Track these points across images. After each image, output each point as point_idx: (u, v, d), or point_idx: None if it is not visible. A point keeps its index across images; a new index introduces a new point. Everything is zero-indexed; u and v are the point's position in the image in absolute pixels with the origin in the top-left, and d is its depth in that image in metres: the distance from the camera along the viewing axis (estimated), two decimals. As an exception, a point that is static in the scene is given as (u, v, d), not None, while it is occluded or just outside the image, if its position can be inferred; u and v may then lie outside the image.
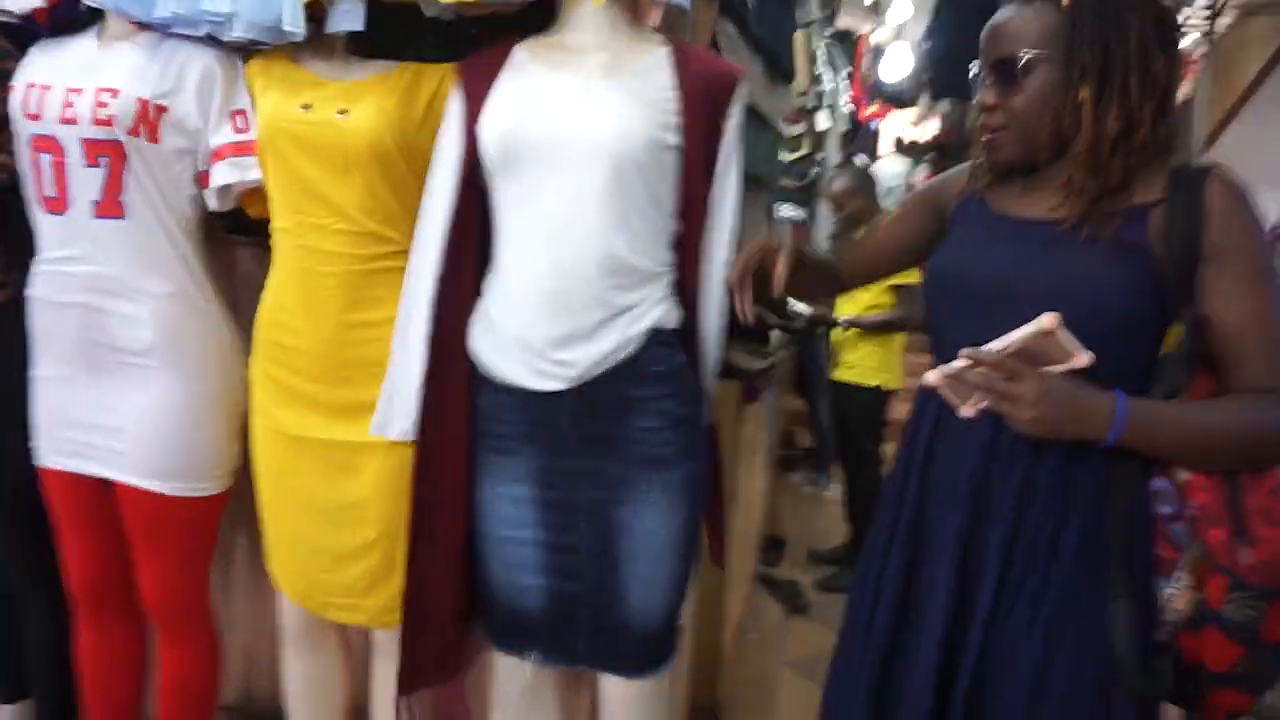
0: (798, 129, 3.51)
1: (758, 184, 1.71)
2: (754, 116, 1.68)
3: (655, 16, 1.20)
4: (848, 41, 5.62)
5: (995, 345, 0.92)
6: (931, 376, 0.96)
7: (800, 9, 1.77)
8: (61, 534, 1.46)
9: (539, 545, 1.22)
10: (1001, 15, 1.02)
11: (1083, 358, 0.91)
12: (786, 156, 3.46)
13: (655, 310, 1.15)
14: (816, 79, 3.47)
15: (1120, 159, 0.97)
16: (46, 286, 1.36)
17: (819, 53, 3.69)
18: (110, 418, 1.37)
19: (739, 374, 2.07)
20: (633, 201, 1.10)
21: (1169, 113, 0.99)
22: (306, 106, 1.25)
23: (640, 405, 1.16)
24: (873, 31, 6.49)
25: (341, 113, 1.23)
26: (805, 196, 3.67)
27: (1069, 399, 0.92)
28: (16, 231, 1.40)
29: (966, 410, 0.97)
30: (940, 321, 1.10)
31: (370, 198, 1.25)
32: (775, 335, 2.26)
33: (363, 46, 1.31)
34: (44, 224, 1.35)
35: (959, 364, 0.93)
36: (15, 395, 1.43)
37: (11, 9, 1.35)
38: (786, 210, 3.48)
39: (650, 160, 1.09)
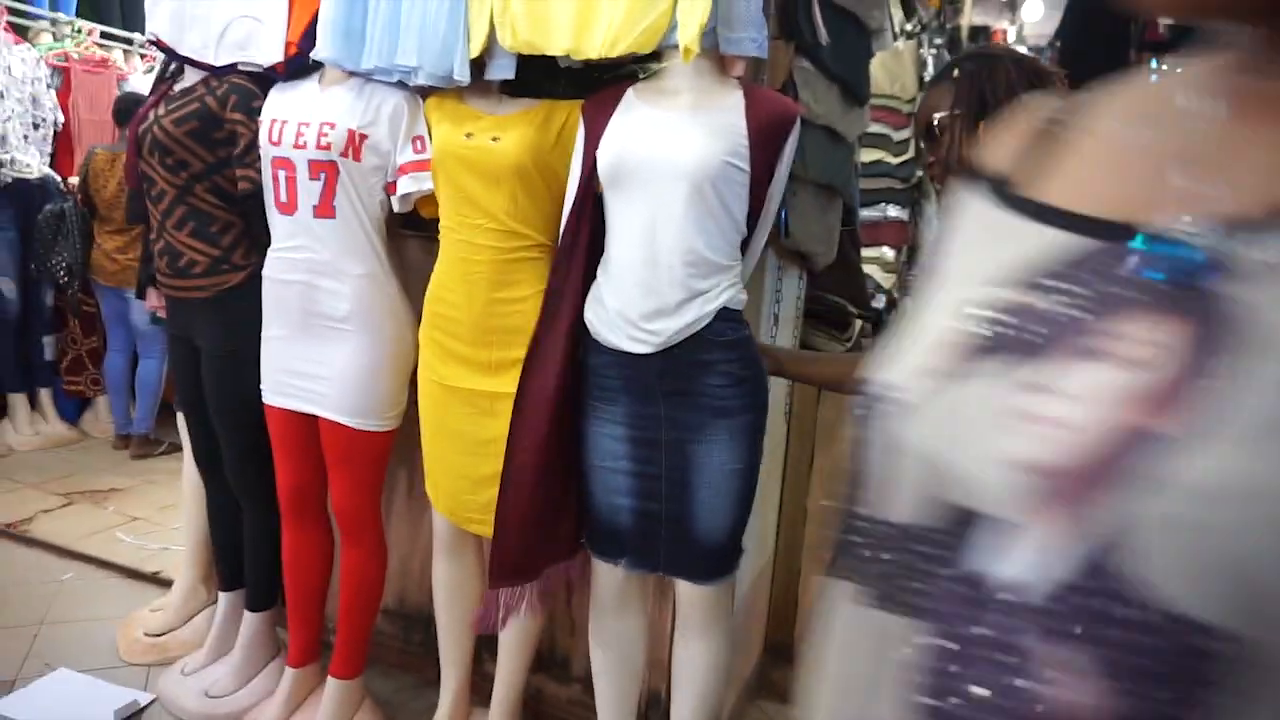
0: (905, 133, 3.71)
1: (833, 193, 2.00)
2: (831, 135, 1.97)
3: (739, 67, 1.52)
4: (982, 37, 5.68)
5: None
6: None
7: (877, 40, 2.04)
8: (277, 456, 1.93)
9: (630, 474, 1.57)
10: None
11: None
12: (892, 160, 3.68)
13: (725, 294, 1.48)
14: (923, 83, 3.67)
15: None
16: (276, 268, 1.82)
17: (929, 58, 3.90)
18: (316, 368, 1.82)
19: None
20: (709, 210, 1.43)
21: None
22: (469, 135, 1.64)
23: (711, 366, 1.49)
24: (1006, 31, 6.50)
25: (494, 139, 1.62)
26: (910, 196, 3.88)
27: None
28: (256, 228, 1.87)
29: None
30: None
31: (513, 204, 1.63)
32: (857, 324, 2.53)
33: (513, 87, 1.70)
34: (277, 222, 1.81)
35: None
36: (252, 351, 1.90)
37: (258, 62, 1.81)
38: (892, 210, 3.70)
39: (723, 179, 1.42)
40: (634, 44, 1.46)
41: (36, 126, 3.66)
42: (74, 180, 3.55)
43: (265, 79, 1.85)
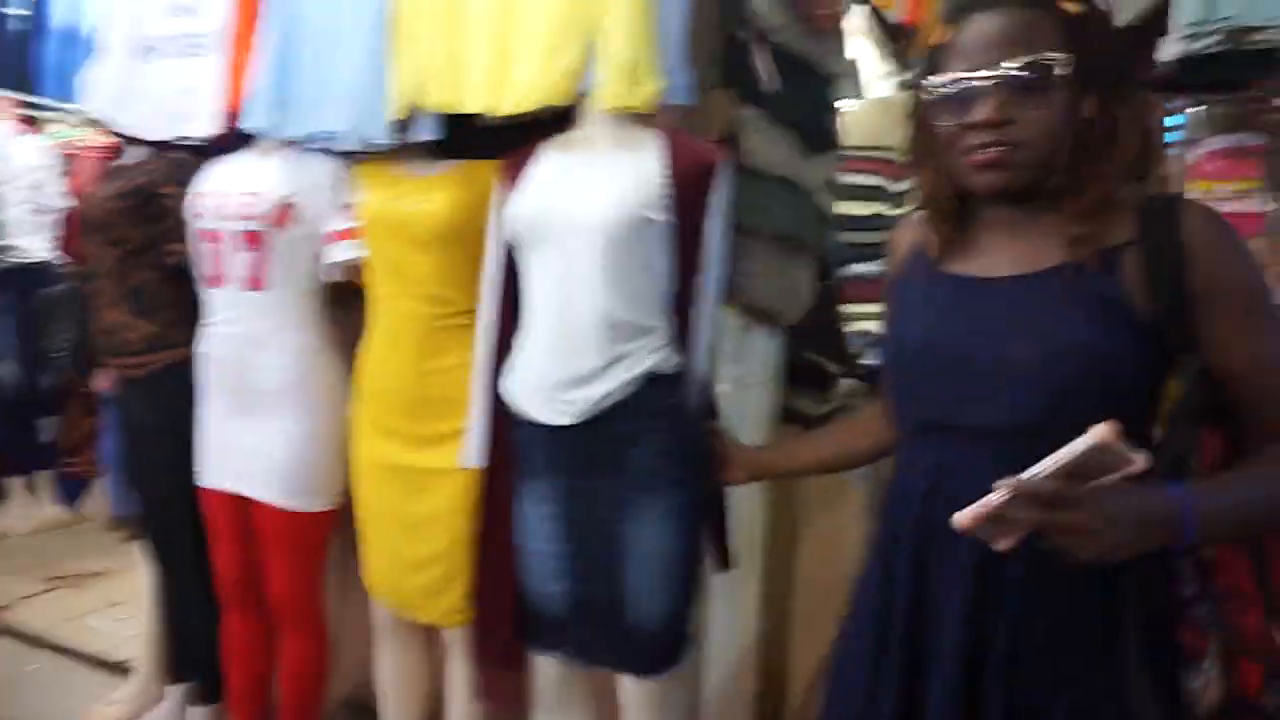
0: (901, 185, 3.61)
1: (797, 246, 1.89)
2: (790, 186, 1.87)
3: (664, 116, 1.43)
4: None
5: (1039, 470, 0.75)
6: (964, 519, 0.77)
7: (843, 85, 1.96)
8: (212, 542, 1.84)
9: (560, 556, 1.44)
10: (988, 20, 0.89)
11: (1138, 462, 0.76)
12: (889, 212, 3.57)
13: (651, 358, 1.36)
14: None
15: (1123, 193, 0.89)
16: (210, 344, 1.76)
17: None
18: (250, 446, 1.73)
19: (799, 419, 2.22)
20: (625, 268, 1.33)
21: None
22: (396, 199, 1.58)
23: (637, 437, 1.37)
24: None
25: (421, 202, 1.55)
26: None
27: (1136, 514, 0.77)
28: (193, 304, 1.82)
29: (1004, 545, 0.79)
30: (915, 400, 1.01)
31: (440, 268, 1.55)
32: (843, 383, 2.39)
33: (446, 148, 1.63)
34: (208, 296, 1.75)
35: (997, 498, 0.75)
36: (189, 432, 1.83)
37: (195, 134, 1.78)
38: (856, 268, 3.56)
39: (639, 234, 1.32)
40: (548, 97, 1.39)
41: (40, 213, 3.72)
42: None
43: (208, 151, 1.82)
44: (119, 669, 2.56)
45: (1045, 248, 0.92)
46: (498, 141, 1.63)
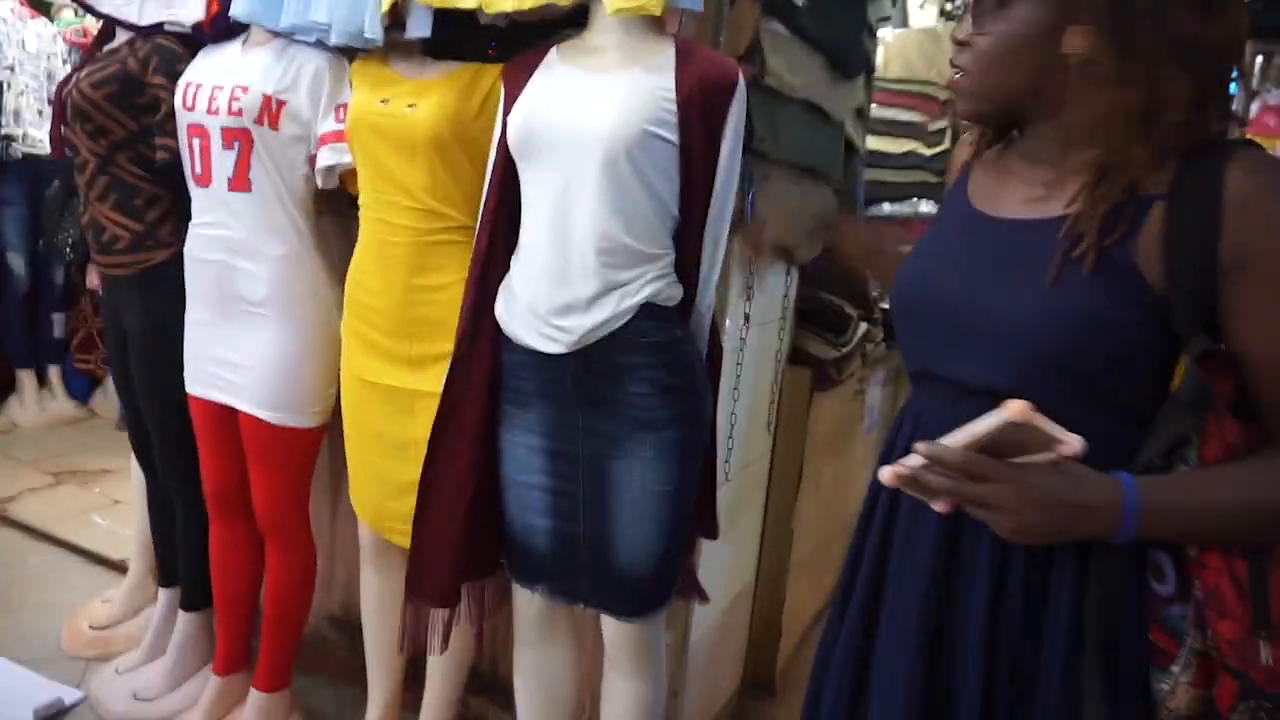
0: (941, 122, 3.43)
1: (817, 177, 1.77)
2: (815, 112, 1.74)
3: (673, 23, 1.31)
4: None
5: (956, 438, 0.72)
6: (885, 475, 0.75)
7: (873, 6, 1.79)
8: (200, 450, 1.79)
9: (546, 490, 1.38)
10: None
11: (1071, 443, 0.71)
12: (925, 151, 3.40)
13: (649, 287, 1.26)
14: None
15: (1139, 147, 0.75)
16: (194, 245, 1.68)
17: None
18: (234, 355, 1.67)
19: (810, 360, 2.13)
20: (626, 189, 1.22)
21: (1213, 98, 0.76)
22: (384, 100, 1.47)
23: (632, 371, 1.28)
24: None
25: (410, 106, 1.44)
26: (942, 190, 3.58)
27: (1061, 498, 0.73)
28: (184, 202, 1.73)
29: (941, 507, 0.75)
30: (906, 345, 0.95)
31: (431, 179, 1.45)
32: (861, 326, 2.29)
33: (439, 49, 1.51)
34: (194, 195, 1.66)
35: (915, 461, 0.73)
36: (178, 335, 1.77)
37: (182, 21, 1.67)
38: (924, 205, 3.41)
39: (642, 153, 1.21)
40: (549, -6, 1.26)
41: (52, 102, 3.63)
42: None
43: (194, 40, 1.71)
44: (118, 567, 2.58)
45: (1059, 192, 0.82)
46: (511, 45, 1.51)
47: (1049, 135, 0.84)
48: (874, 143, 3.00)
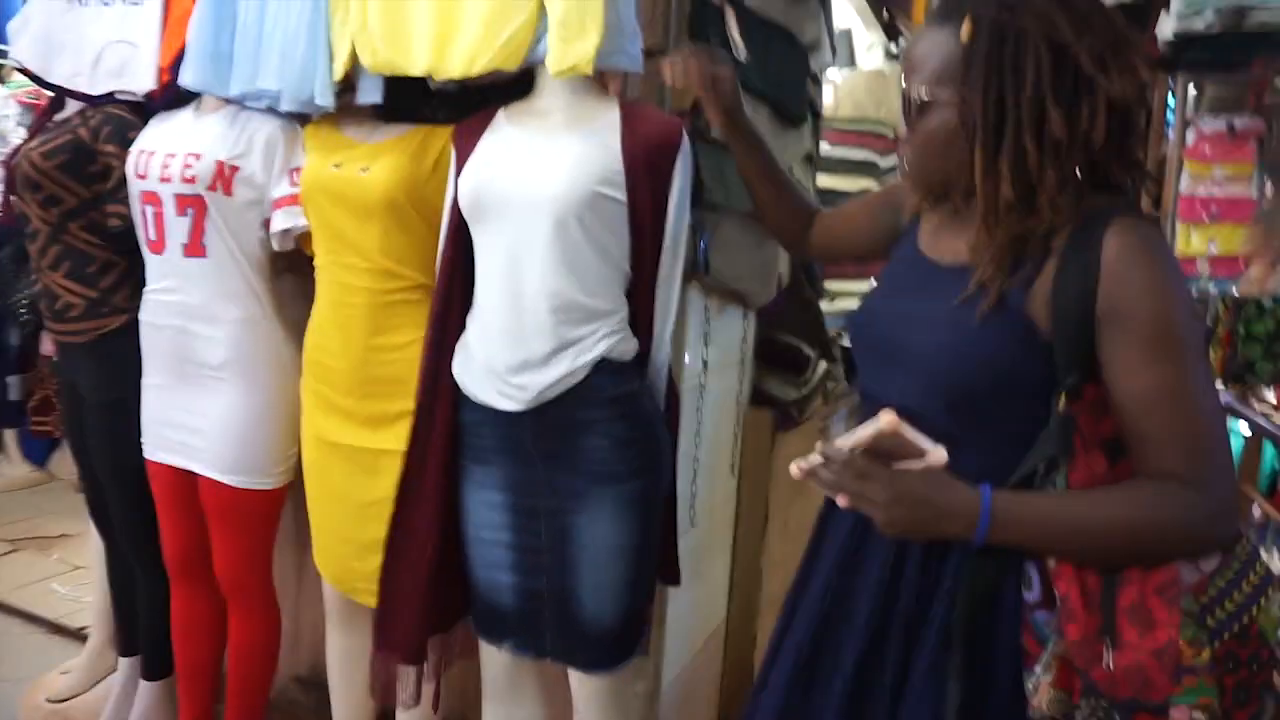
0: (891, 159, 3.51)
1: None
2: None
3: (616, 85, 1.35)
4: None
5: (844, 441, 0.86)
6: (793, 468, 0.88)
7: (814, 55, 1.85)
8: (160, 516, 1.77)
9: (508, 546, 1.38)
10: (917, 40, 0.96)
11: (936, 454, 0.84)
12: (878, 189, 3.47)
13: (604, 343, 1.28)
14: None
15: (1017, 223, 0.88)
16: (149, 312, 1.67)
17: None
18: (192, 419, 1.66)
19: (772, 401, 2.16)
20: (577, 249, 1.25)
21: (1094, 169, 0.88)
22: (338, 165, 1.49)
23: (591, 426, 1.30)
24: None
25: (363, 170, 1.46)
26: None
27: (925, 499, 0.84)
28: (139, 267, 1.73)
29: (841, 501, 0.88)
30: (858, 365, 1.09)
31: (386, 240, 1.46)
32: (820, 365, 2.32)
33: (391, 112, 1.54)
34: (149, 262, 1.66)
35: (814, 459, 0.87)
36: (135, 401, 1.75)
37: (134, 89, 1.68)
38: None
39: (592, 213, 1.24)
40: (495, 60, 1.29)
41: (3, 164, 3.60)
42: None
43: (148, 108, 1.72)
44: (78, 635, 2.52)
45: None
46: (460, 107, 1.54)
47: (972, 203, 0.95)
48: (828, 181, 3.06)
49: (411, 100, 1.50)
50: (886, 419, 0.83)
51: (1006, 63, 0.86)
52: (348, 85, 1.48)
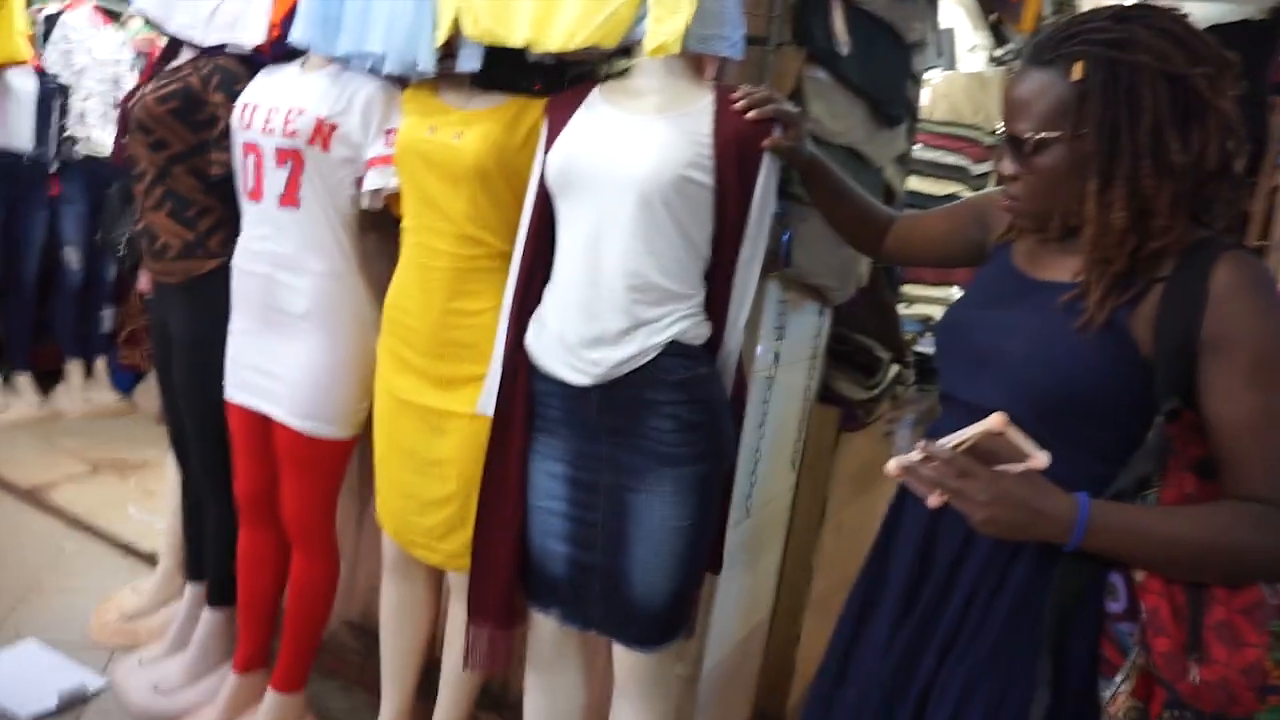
0: (984, 166, 3.42)
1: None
2: (855, 158, 1.76)
3: (713, 69, 1.34)
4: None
5: (949, 440, 0.89)
6: (891, 466, 0.91)
7: (918, 55, 1.80)
8: (234, 454, 1.85)
9: (566, 517, 1.40)
10: (1018, 82, 0.97)
11: (1039, 458, 0.87)
12: (968, 195, 3.39)
13: (677, 325, 1.29)
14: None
15: (1129, 247, 0.91)
16: (242, 258, 1.74)
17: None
18: (274, 365, 1.72)
19: (840, 400, 2.13)
20: (659, 230, 1.25)
21: (1202, 191, 0.91)
22: (432, 129, 1.52)
23: (656, 407, 1.30)
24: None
25: (457, 136, 1.49)
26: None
27: (1024, 501, 0.87)
28: (235, 214, 1.80)
29: (933, 500, 0.91)
30: (942, 371, 1.12)
31: (473, 207, 1.49)
32: (892, 369, 2.29)
33: (488, 81, 1.56)
34: (245, 210, 1.73)
35: (915, 456, 0.89)
36: (221, 343, 1.83)
37: (244, 43, 1.74)
38: None
39: (678, 196, 1.24)
40: (594, 36, 1.30)
41: (116, 106, 3.76)
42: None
43: (256, 61, 1.78)
44: (148, 558, 2.65)
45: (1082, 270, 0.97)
46: (557, 80, 1.55)
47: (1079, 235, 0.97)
48: (917, 184, 3.01)
49: (509, 71, 1.52)
50: (997, 419, 0.85)
51: (1122, 97, 0.88)
52: (448, 52, 1.50)
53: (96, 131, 3.63)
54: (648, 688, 1.45)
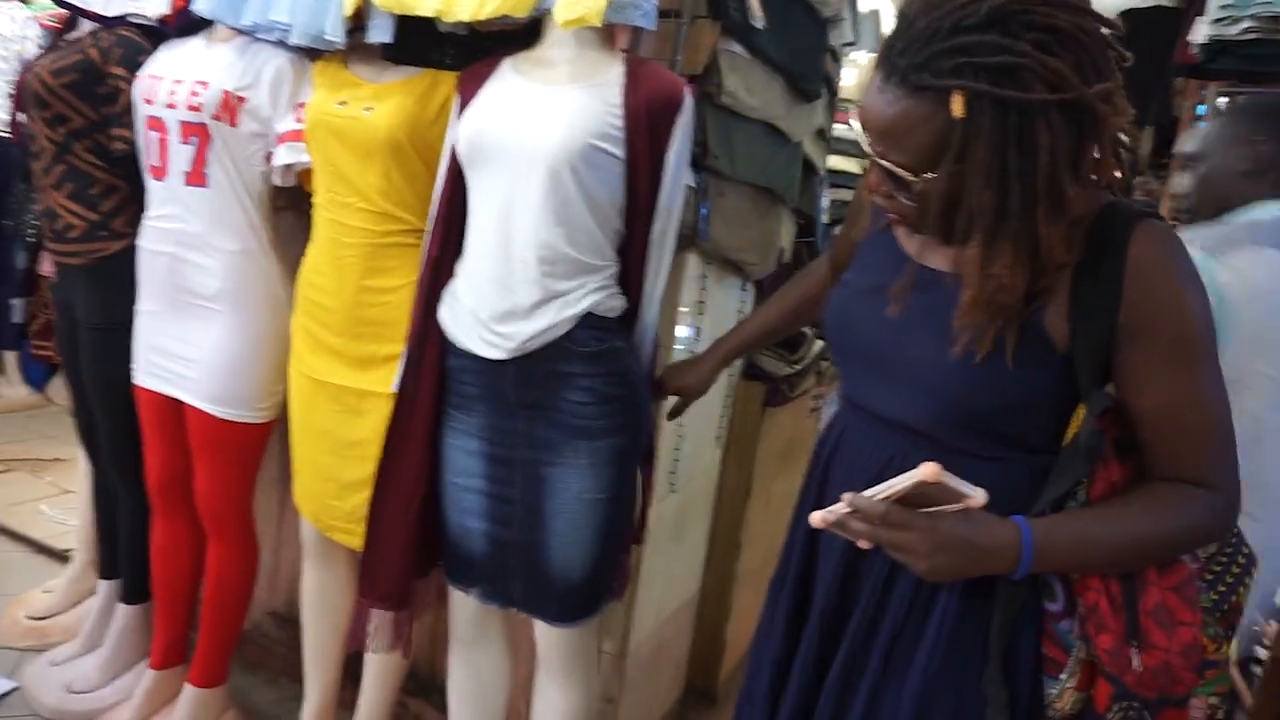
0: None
1: (773, 197, 1.80)
2: (773, 133, 1.78)
3: (624, 39, 1.34)
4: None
5: (875, 492, 0.81)
6: (815, 519, 0.83)
7: (833, 30, 1.82)
8: (145, 441, 1.79)
9: (482, 494, 1.39)
10: (883, 101, 0.81)
11: (976, 497, 0.81)
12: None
13: (591, 298, 1.28)
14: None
15: (1020, 291, 0.82)
16: (148, 239, 1.68)
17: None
18: (184, 348, 1.67)
19: (763, 376, 2.16)
20: (569, 201, 1.24)
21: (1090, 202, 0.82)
22: (343, 103, 1.48)
23: (572, 380, 1.30)
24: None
25: (368, 109, 1.45)
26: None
27: (967, 542, 0.81)
28: (140, 194, 1.73)
29: (861, 544, 0.85)
30: (840, 367, 1.05)
31: (386, 183, 1.46)
32: (816, 343, 2.32)
33: (399, 54, 1.53)
34: (150, 188, 1.67)
35: (841, 508, 0.82)
36: (128, 326, 1.76)
37: (147, 13, 1.68)
38: None
39: (588, 166, 1.23)
40: (504, 6, 1.28)
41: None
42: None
43: (159, 33, 1.71)
44: (62, 557, 2.56)
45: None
46: (469, 53, 1.53)
47: None
48: (841, 163, 3.04)
49: (421, 43, 1.49)
50: (930, 470, 0.77)
51: (1011, 139, 0.76)
52: (358, 24, 1.47)
53: (1, 113, 3.47)
54: (570, 663, 1.45)
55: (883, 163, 0.84)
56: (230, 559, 1.79)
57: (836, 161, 2.66)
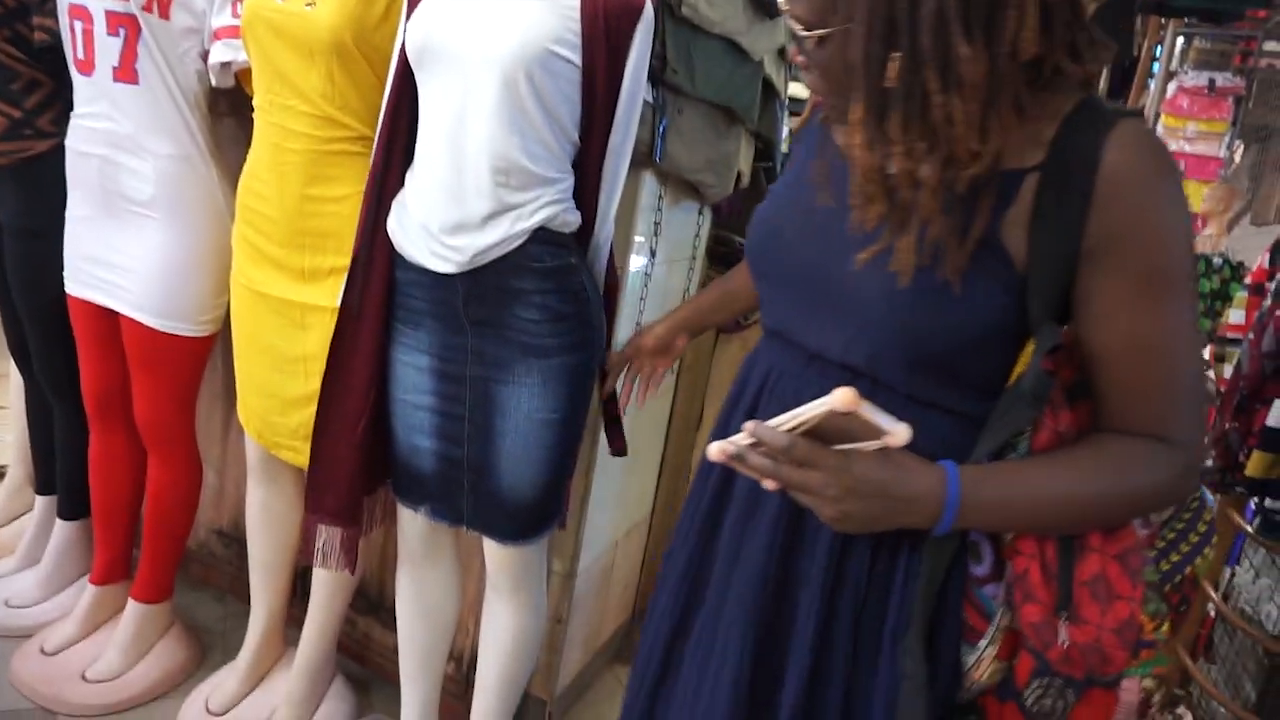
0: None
1: (732, 117, 1.76)
2: (734, 50, 1.72)
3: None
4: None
5: (781, 420, 0.70)
6: (712, 450, 0.73)
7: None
8: (80, 353, 1.72)
9: (432, 411, 1.37)
10: None
11: (898, 433, 0.69)
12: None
13: (544, 211, 1.25)
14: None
15: (931, 185, 0.70)
16: (76, 138, 1.59)
17: None
18: (118, 257, 1.60)
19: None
20: (524, 109, 1.19)
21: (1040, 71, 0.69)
22: (283, -3, 1.40)
23: (522, 296, 1.27)
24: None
25: (309, 4, 1.37)
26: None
27: (882, 489, 0.71)
28: (68, 90, 1.63)
29: (767, 485, 0.73)
30: (763, 298, 0.91)
31: (330, 85, 1.39)
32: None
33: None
34: (77, 84, 1.57)
35: (742, 439, 0.72)
36: (59, 232, 1.68)
37: (69, -108, 1.55)
38: None
39: (544, 73, 1.18)
40: (457, -105, 1.21)
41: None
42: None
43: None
44: (-3, 474, 2.48)
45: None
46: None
47: None
48: (801, 91, 2.98)
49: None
50: (843, 397, 0.66)
51: None
52: (299, -90, 1.38)
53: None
54: (519, 581, 1.46)
55: (789, 14, 0.76)
56: (170, 476, 1.75)
57: (799, 90, 2.60)
